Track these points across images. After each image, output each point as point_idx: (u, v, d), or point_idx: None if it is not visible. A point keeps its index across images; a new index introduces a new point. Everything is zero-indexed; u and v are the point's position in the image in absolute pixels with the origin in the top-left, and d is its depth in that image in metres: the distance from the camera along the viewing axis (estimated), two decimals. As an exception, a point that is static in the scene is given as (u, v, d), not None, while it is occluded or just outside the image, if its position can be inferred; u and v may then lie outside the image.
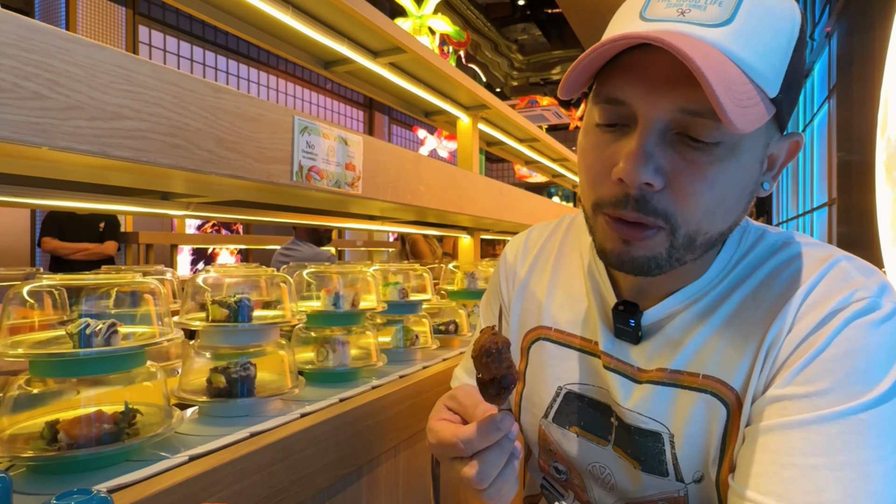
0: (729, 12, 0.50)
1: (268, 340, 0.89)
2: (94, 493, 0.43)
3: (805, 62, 0.55)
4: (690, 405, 0.60)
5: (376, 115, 9.00)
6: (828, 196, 6.14)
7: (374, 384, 1.01)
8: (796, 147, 0.60)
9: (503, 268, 0.85)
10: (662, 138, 0.53)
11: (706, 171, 0.52)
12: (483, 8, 8.99)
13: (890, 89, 4.31)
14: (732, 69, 0.49)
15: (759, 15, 0.51)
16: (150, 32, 5.42)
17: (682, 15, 0.51)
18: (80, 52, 0.59)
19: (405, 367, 1.15)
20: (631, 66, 0.53)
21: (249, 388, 0.83)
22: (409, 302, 1.29)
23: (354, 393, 0.94)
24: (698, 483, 0.61)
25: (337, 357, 1.02)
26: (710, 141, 0.52)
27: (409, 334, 1.24)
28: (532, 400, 0.76)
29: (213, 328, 0.86)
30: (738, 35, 0.50)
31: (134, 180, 0.96)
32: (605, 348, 0.68)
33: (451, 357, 1.27)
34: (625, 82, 0.53)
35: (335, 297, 1.06)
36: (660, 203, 0.54)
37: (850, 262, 0.58)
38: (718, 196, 0.54)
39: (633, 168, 0.52)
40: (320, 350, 1.02)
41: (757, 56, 0.50)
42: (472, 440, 0.54)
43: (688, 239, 0.56)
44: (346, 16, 1.48)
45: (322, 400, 0.90)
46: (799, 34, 0.54)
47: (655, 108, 0.52)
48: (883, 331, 0.52)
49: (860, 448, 0.48)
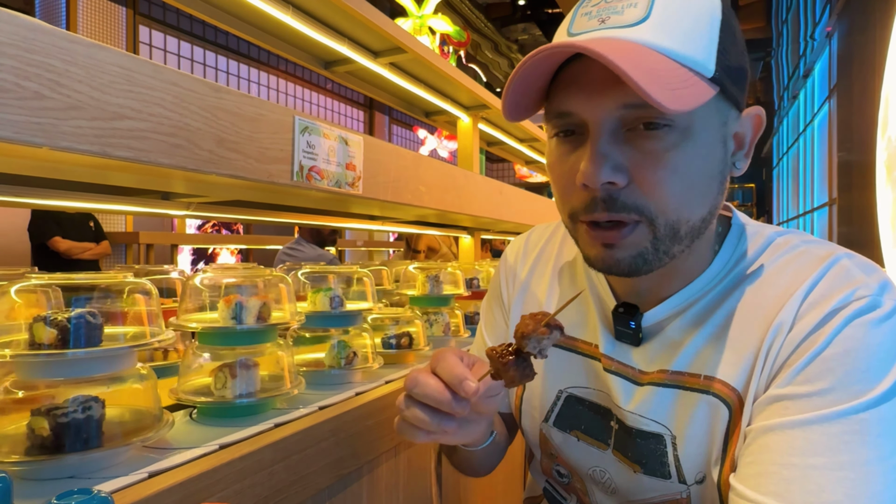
0: (644, 10, 0.53)
1: (122, 369, 0.67)
2: (94, 493, 0.43)
3: (740, 39, 0.58)
4: (692, 406, 0.60)
5: (376, 115, 9.00)
6: (828, 196, 6.14)
7: (358, 390, 0.92)
8: (759, 121, 0.62)
9: (503, 269, 0.85)
10: (615, 137, 0.55)
11: (664, 159, 0.54)
12: (483, 8, 8.99)
13: (890, 89, 4.31)
14: (657, 58, 0.51)
15: (674, 5, 0.54)
16: (151, 32, 5.42)
17: (602, 23, 0.54)
18: (81, 52, 0.59)
19: (333, 393, 0.93)
20: (570, 79, 0.57)
21: (89, 436, 0.61)
22: (344, 313, 1.08)
23: (252, 433, 0.74)
24: (700, 484, 0.61)
25: (240, 384, 0.81)
26: (661, 123, 0.53)
27: (346, 351, 1.03)
28: (532, 403, 0.76)
29: (28, 359, 0.61)
30: (656, 28, 0.53)
31: (134, 180, 0.96)
32: (605, 351, 0.68)
33: (398, 379, 1.05)
34: (568, 95, 0.57)
35: (236, 308, 0.84)
36: (628, 198, 0.55)
37: (850, 259, 0.58)
38: (686, 181, 0.55)
39: (592, 170, 0.54)
40: (218, 375, 0.81)
41: (680, 42, 0.53)
42: (464, 408, 0.58)
43: (670, 229, 0.56)
44: (347, 16, 1.48)
45: (215, 440, 0.70)
46: (722, 15, 0.56)
47: (599, 111, 0.55)
48: (884, 329, 0.51)
49: (861, 448, 0.48)
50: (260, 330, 0.86)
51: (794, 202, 9.83)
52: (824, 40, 6.06)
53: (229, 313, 0.83)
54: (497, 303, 0.85)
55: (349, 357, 1.03)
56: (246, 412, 0.81)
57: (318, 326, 1.08)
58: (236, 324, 0.83)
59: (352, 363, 1.03)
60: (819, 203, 6.66)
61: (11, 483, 0.47)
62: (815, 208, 6.68)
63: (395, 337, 1.20)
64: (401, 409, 0.62)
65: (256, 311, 0.85)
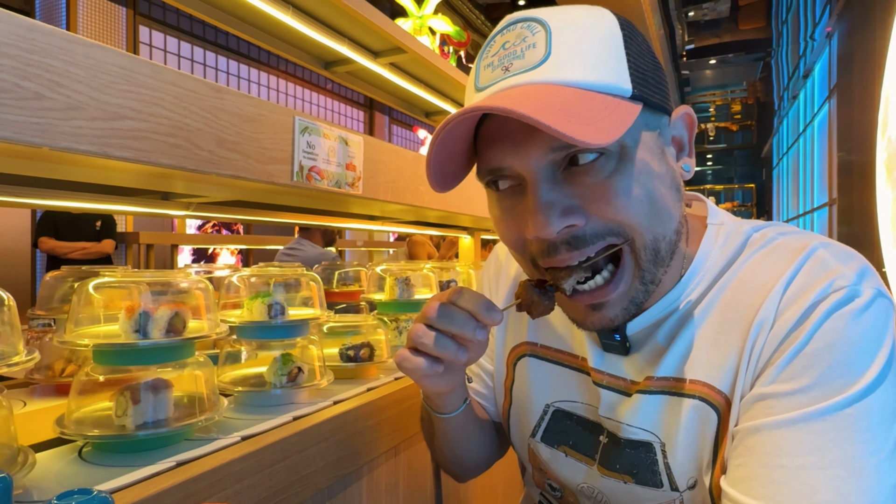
0: (543, 50, 0.52)
1: None
2: (94, 493, 0.44)
3: (647, 48, 0.57)
4: (680, 412, 0.59)
5: (376, 115, 8.99)
6: (828, 196, 6.14)
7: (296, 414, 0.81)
8: (691, 119, 0.61)
9: (494, 265, 0.85)
10: (554, 182, 0.54)
11: (612, 186, 0.53)
12: (483, 8, 8.99)
13: (890, 89, 4.31)
14: (570, 94, 0.50)
15: (571, 37, 0.52)
16: (151, 33, 5.42)
17: (506, 70, 0.53)
18: (81, 52, 0.59)
19: (269, 417, 0.80)
20: (492, 134, 0.56)
21: None
22: (287, 323, 0.93)
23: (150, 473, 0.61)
24: (692, 490, 0.60)
25: (143, 411, 0.68)
26: (595, 155, 0.52)
27: (289, 367, 0.90)
28: (519, 418, 0.76)
29: None
30: (561, 64, 0.52)
31: (134, 180, 0.96)
32: (594, 364, 0.66)
33: (351, 397, 0.92)
34: (493, 150, 0.56)
35: (140, 319, 0.70)
36: (597, 228, 0.54)
37: (827, 249, 0.56)
38: (644, 198, 0.54)
39: (543, 221, 0.53)
40: (119, 400, 0.69)
41: (589, 71, 0.52)
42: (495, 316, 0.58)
43: (651, 252, 0.55)
44: (347, 16, 1.48)
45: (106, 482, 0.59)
46: (622, 31, 0.55)
47: (530, 160, 0.53)
48: (864, 321, 0.51)
49: (849, 444, 0.48)
50: (169, 346, 0.72)
51: (794, 202, 9.83)
52: (824, 40, 6.06)
53: (131, 325, 0.70)
54: (490, 293, 0.84)
55: (292, 373, 0.89)
56: (148, 446, 0.68)
57: (253, 338, 0.94)
58: (139, 338, 0.70)
59: (296, 380, 0.89)
60: (819, 203, 6.66)
61: (11, 483, 0.47)
62: (815, 208, 6.69)
63: (352, 348, 1.05)
64: (417, 338, 0.60)
65: (165, 322, 0.72)
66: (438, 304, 0.59)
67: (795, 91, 9.38)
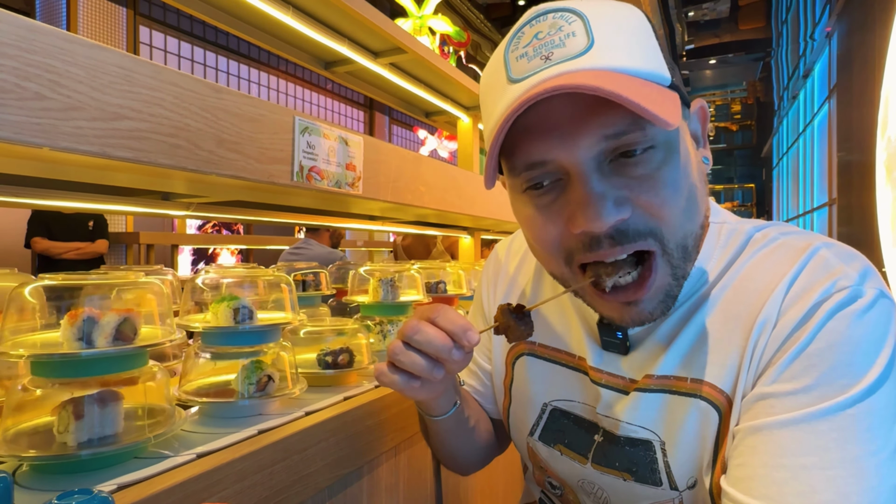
0: (585, 38, 0.50)
1: None
2: (94, 493, 0.44)
3: (663, 42, 0.56)
4: (681, 411, 0.59)
5: (377, 115, 9.00)
6: (828, 196, 6.14)
7: (262, 427, 0.76)
8: (704, 112, 0.61)
9: (494, 264, 0.85)
10: (602, 173, 0.52)
11: (661, 179, 0.52)
12: (483, 8, 8.99)
13: (890, 89, 4.31)
14: (623, 79, 0.49)
15: (610, 26, 0.51)
16: (151, 33, 5.42)
17: (547, 60, 0.51)
18: (81, 52, 0.59)
19: (235, 430, 0.74)
20: (530, 127, 0.53)
21: None
22: (256, 329, 0.86)
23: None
24: (692, 489, 0.60)
25: (87, 427, 0.62)
26: (646, 146, 0.51)
27: (258, 375, 0.83)
28: (518, 416, 0.76)
29: None
30: (607, 51, 0.50)
31: (135, 180, 0.96)
32: (593, 363, 0.66)
33: (326, 407, 0.86)
34: (533, 143, 0.53)
35: (83, 326, 0.64)
36: (639, 224, 0.53)
37: (829, 249, 0.56)
38: (684, 194, 0.54)
39: (595, 214, 0.51)
40: (61, 415, 0.63)
41: (633, 59, 0.51)
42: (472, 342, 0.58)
43: (681, 249, 0.55)
44: (347, 16, 1.48)
45: None
46: (648, 21, 0.55)
47: (579, 151, 0.51)
48: (866, 321, 0.50)
49: (850, 444, 0.47)
50: (118, 355, 0.66)
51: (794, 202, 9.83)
52: (824, 40, 6.06)
53: (73, 333, 0.64)
54: (488, 292, 0.85)
55: (262, 382, 0.83)
56: (92, 466, 0.62)
57: (217, 345, 0.87)
58: (82, 347, 0.64)
59: (265, 389, 0.83)
60: (819, 203, 6.66)
61: (12, 483, 0.47)
62: (815, 208, 6.69)
63: (330, 353, 0.98)
64: (393, 355, 0.60)
65: (112, 328, 0.66)
66: (416, 323, 0.59)
67: (795, 91, 9.38)
